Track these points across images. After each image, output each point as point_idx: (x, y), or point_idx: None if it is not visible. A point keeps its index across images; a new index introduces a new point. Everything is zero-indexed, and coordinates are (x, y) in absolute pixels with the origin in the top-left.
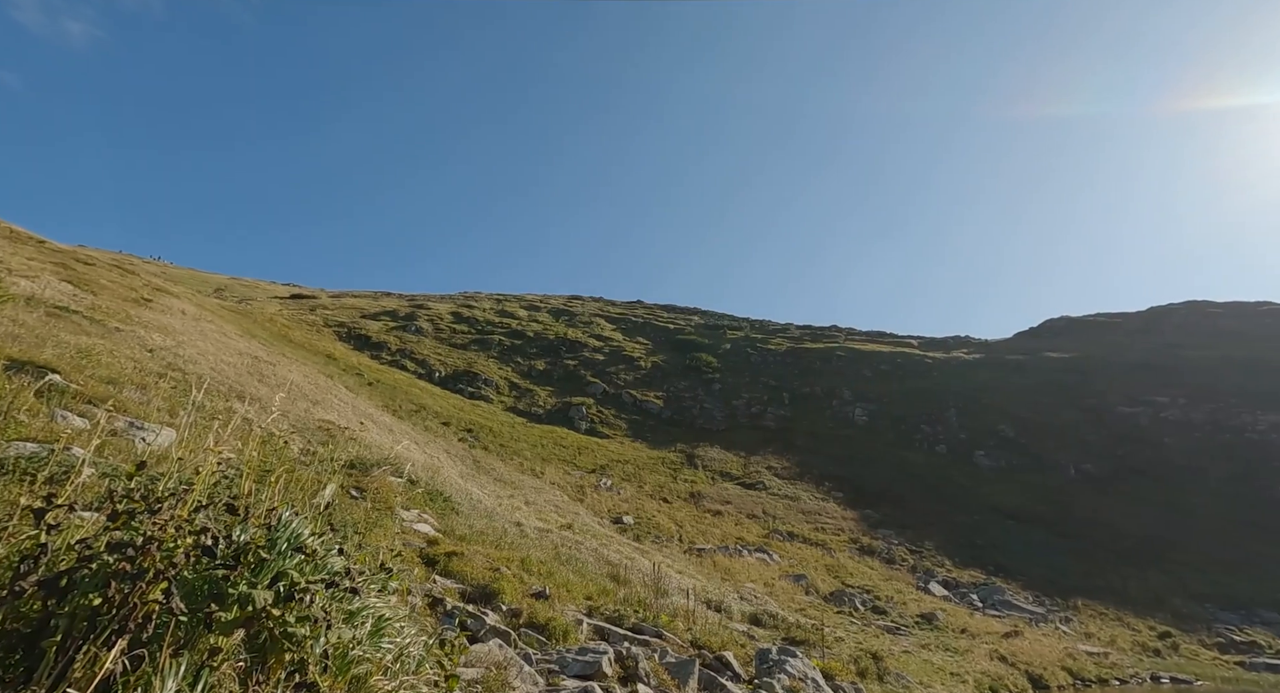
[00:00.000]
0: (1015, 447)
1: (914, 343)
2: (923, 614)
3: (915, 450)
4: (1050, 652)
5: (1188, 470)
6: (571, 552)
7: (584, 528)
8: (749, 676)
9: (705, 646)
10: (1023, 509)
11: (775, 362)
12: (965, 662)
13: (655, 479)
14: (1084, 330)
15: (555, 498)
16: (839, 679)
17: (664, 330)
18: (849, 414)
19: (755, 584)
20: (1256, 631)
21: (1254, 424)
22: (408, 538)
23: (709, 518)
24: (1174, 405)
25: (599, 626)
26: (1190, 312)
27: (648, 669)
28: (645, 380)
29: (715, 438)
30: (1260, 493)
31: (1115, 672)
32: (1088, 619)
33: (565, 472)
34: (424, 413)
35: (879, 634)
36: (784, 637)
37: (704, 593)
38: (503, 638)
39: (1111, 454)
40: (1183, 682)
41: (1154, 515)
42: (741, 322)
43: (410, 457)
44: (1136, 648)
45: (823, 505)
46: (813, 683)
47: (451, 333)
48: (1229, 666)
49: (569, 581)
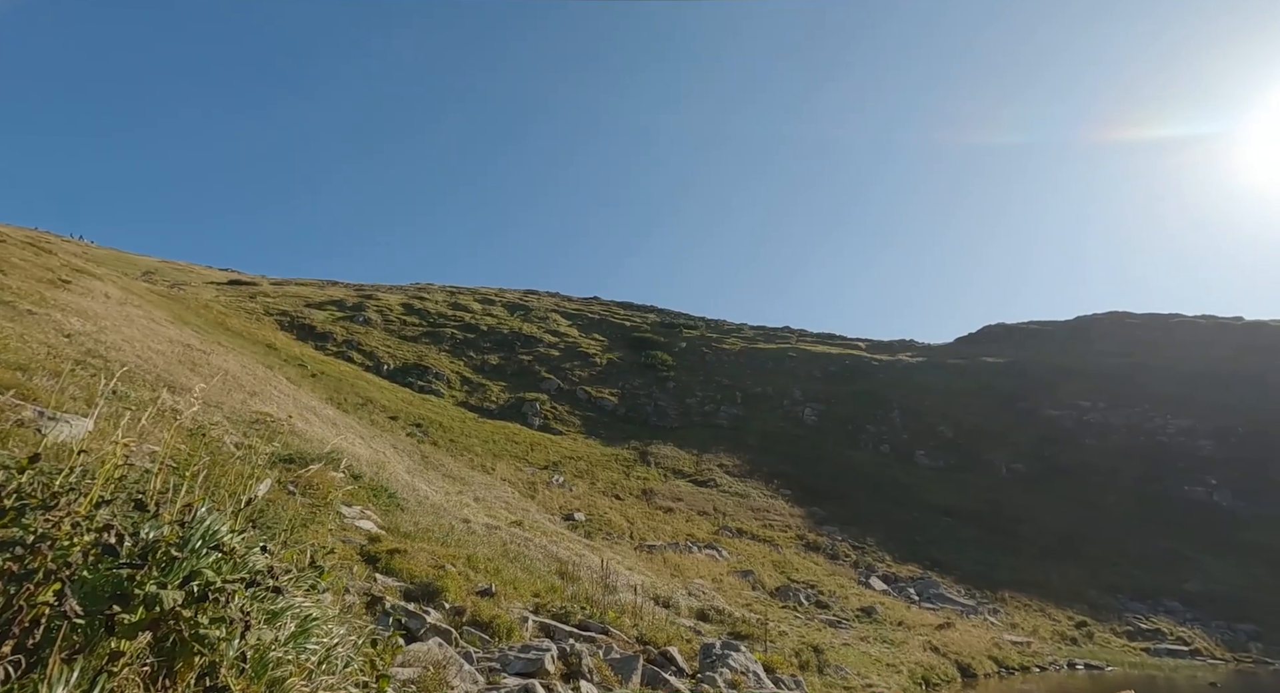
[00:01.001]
0: (953, 447)
1: (862, 345)
2: (863, 608)
3: (861, 450)
4: (978, 642)
5: (1105, 470)
6: (520, 549)
7: (534, 525)
8: (693, 670)
9: (651, 641)
10: (958, 507)
11: (729, 361)
12: (901, 653)
13: (608, 476)
14: (1018, 337)
15: (506, 495)
16: (780, 672)
17: (620, 327)
18: (799, 414)
19: (704, 580)
20: (1161, 619)
21: (1164, 428)
22: (348, 535)
23: (660, 515)
24: (1095, 409)
25: (545, 623)
26: (1112, 321)
27: (591, 666)
28: (600, 377)
29: (669, 436)
30: (1167, 492)
31: (1036, 660)
32: (1014, 610)
33: (517, 468)
34: (371, 407)
35: (821, 628)
36: (730, 632)
37: (653, 590)
38: (443, 637)
39: (1039, 455)
40: (1095, 668)
41: (1075, 512)
42: (697, 321)
43: (355, 451)
44: (1056, 637)
45: (771, 503)
46: (754, 676)
47: (402, 325)
48: (1136, 652)
49: (516, 578)
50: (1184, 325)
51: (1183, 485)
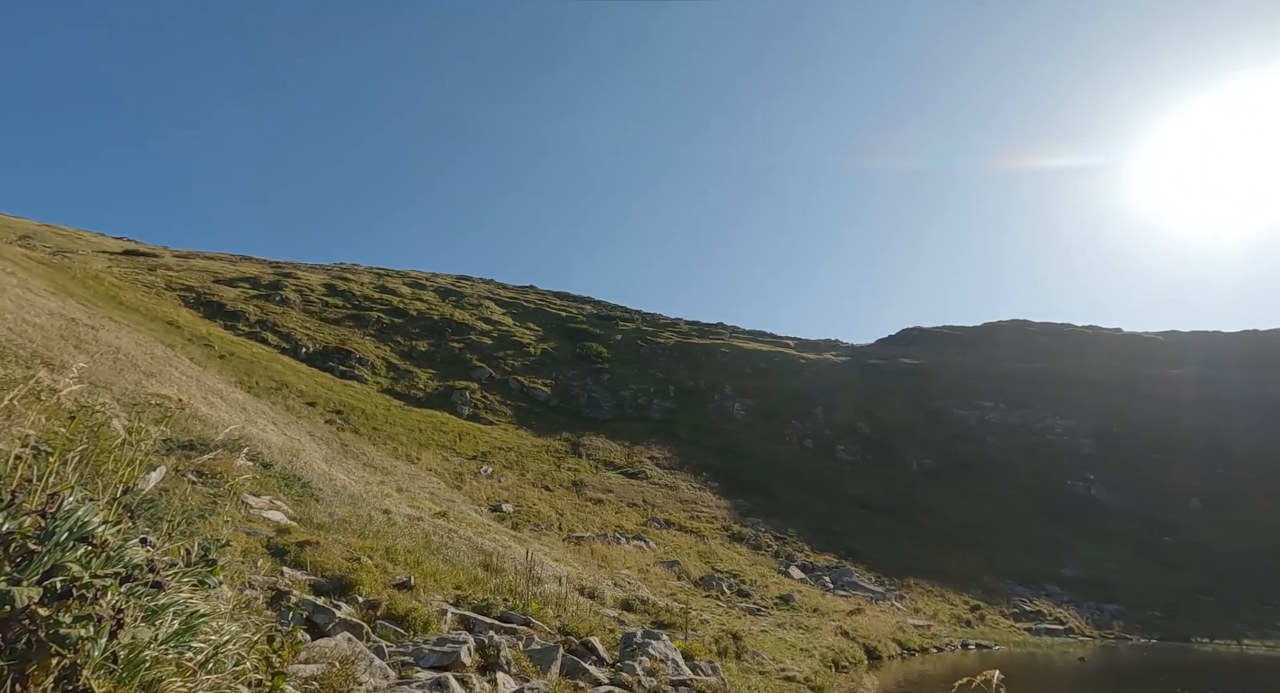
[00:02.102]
0: (871, 443)
1: (791, 344)
2: (782, 596)
3: (786, 444)
4: (885, 626)
5: (1003, 466)
6: (444, 540)
7: (460, 516)
8: (613, 659)
9: (573, 632)
10: (873, 499)
11: (664, 355)
12: (814, 638)
13: (538, 467)
14: (932, 340)
15: (431, 485)
16: (698, 659)
17: (556, 318)
18: (729, 409)
19: (631, 571)
20: (1042, 602)
21: (1053, 428)
22: (254, 527)
23: (590, 506)
24: (996, 410)
25: (465, 615)
26: (1015, 329)
27: (510, 657)
28: (534, 367)
29: (601, 427)
30: (1053, 486)
31: (935, 641)
32: (918, 596)
33: (444, 458)
34: (286, 391)
35: (742, 616)
36: (653, 621)
37: (578, 581)
38: (354, 632)
39: (947, 451)
40: (985, 647)
41: (974, 505)
42: (634, 314)
43: (266, 438)
44: (953, 620)
45: (699, 495)
46: (672, 663)
47: (323, 306)
48: (1020, 631)
49: (438, 570)
50: (1073, 334)
51: (1065, 480)
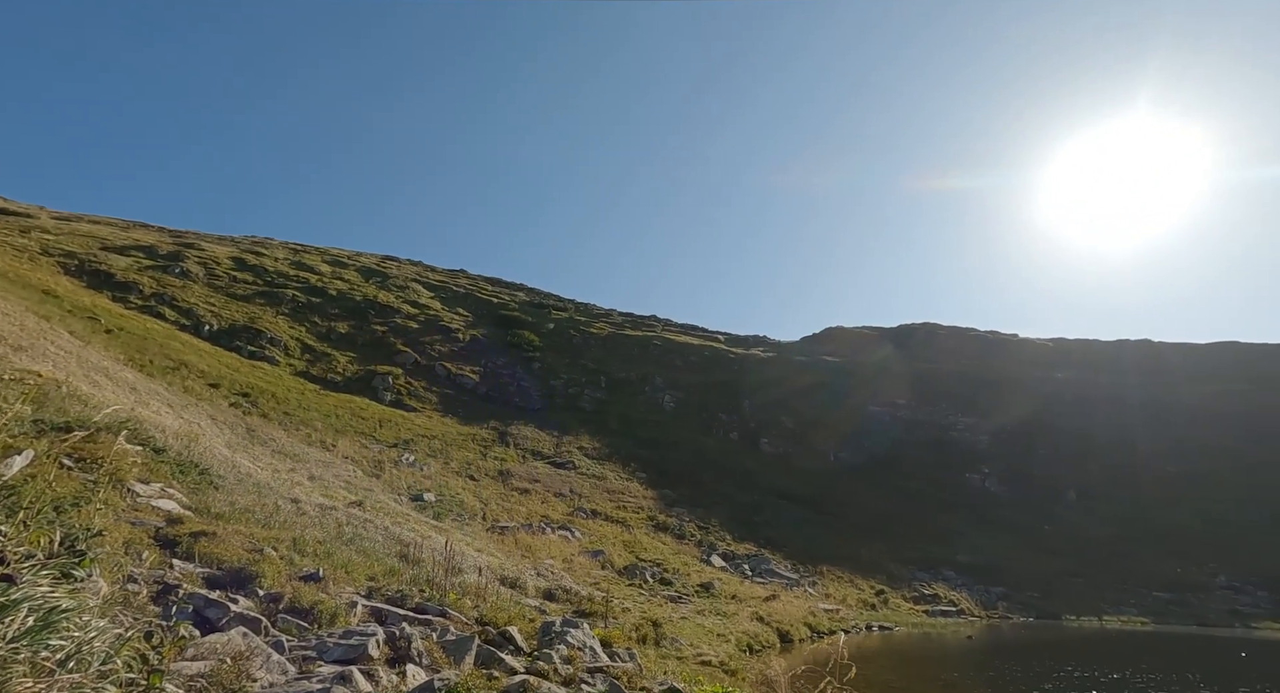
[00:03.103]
0: (793, 436)
1: (721, 338)
2: (702, 584)
3: (713, 436)
4: (797, 611)
5: (910, 460)
6: (358, 531)
7: (377, 506)
8: (531, 648)
9: (491, 622)
10: (792, 490)
11: (596, 346)
12: (731, 624)
13: (463, 456)
14: (853, 339)
15: (347, 473)
16: (616, 646)
17: (487, 304)
18: (659, 400)
19: (555, 561)
20: (939, 585)
21: (955, 425)
22: (141, 516)
23: (516, 496)
24: (907, 406)
25: (377, 607)
26: (926, 331)
27: (422, 649)
28: (462, 354)
29: (530, 417)
30: (954, 478)
31: (843, 624)
32: (829, 582)
33: (362, 445)
34: (185, 371)
35: (663, 604)
36: (575, 610)
37: (500, 571)
38: (251, 626)
39: (861, 445)
40: (886, 629)
41: (884, 496)
42: (567, 303)
43: (159, 421)
44: (860, 604)
45: (627, 485)
46: (590, 651)
47: (231, 281)
48: (918, 613)
49: (350, 561)
50: (976, 338)
51: (965, 473)
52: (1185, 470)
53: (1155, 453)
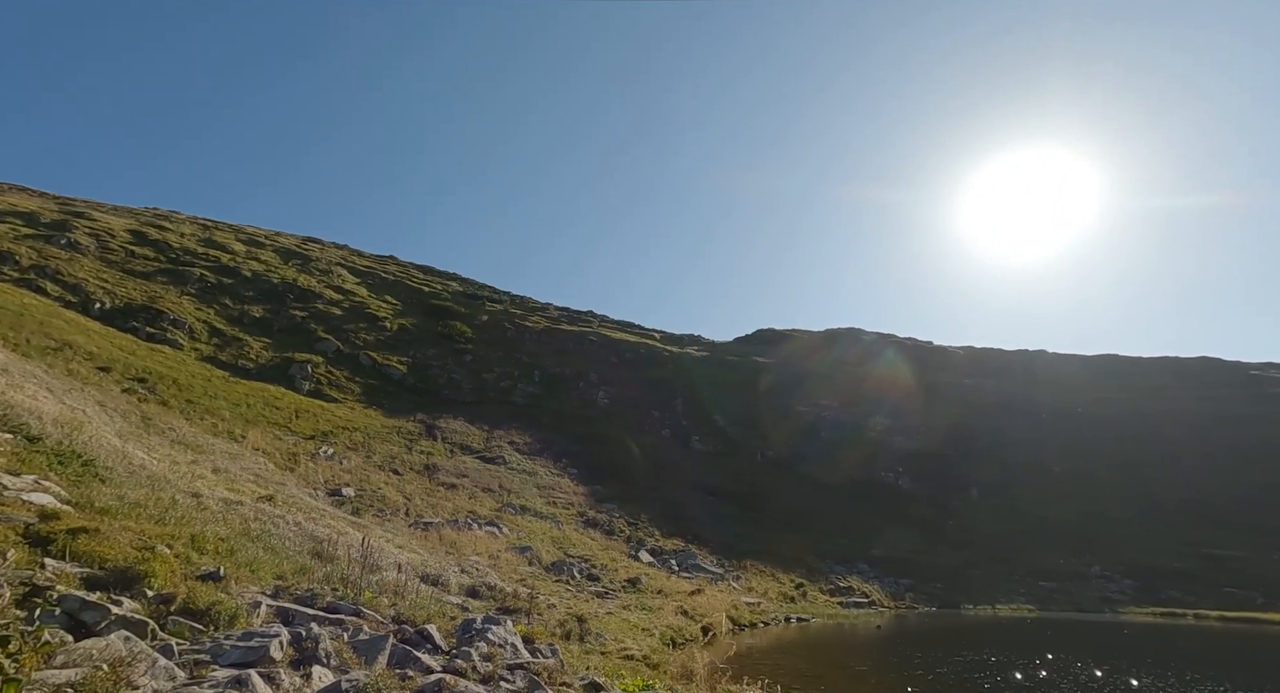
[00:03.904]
0: (722, 434)
1: (656, 336)
2: (630, 579)
3: (645, 433)
4: (721, 605)
5: (833, 458)
6: (267, 527)
7: (290, 501)
8: (449, 646)
9: (408, 621)
10: (721, 487)
11: (531, 339)
12: (656, 618)
13: (387, 449)
14: (783, 342)
15: (258, 466)
16: (539, 643)
17: (418, 292)
18: (593, 396)
19: (481, 557)
20: (853, 578)
21: (875, 426)
22: (8, 511)
23: (442, 491)
24: (831, 408)
25: (285, 607)
26: (850, 336)
27: (330, 649)
28: (389, 343)
29: (460, 410)
30: (871, 477)
31: (763, 617)
32: (752, 576)
33: (276, 437)
34: (70, 353)
35: (590, 599)
36: (498, 607)
37: (422, 568)
38: (135, 630)
39: (788, 444)
40: (804, 620)
41: (808, 493)
42: (503, 295)
43: (35, 407)
44: (781, 597)
45: (558, 481)
46: (511, 648)
47: (128, 256)
48: (834, 605)
49: (256, 559)
50: (895, 344)
51: (881, 472)
52: (1069, 470)
53: (1046, 454)
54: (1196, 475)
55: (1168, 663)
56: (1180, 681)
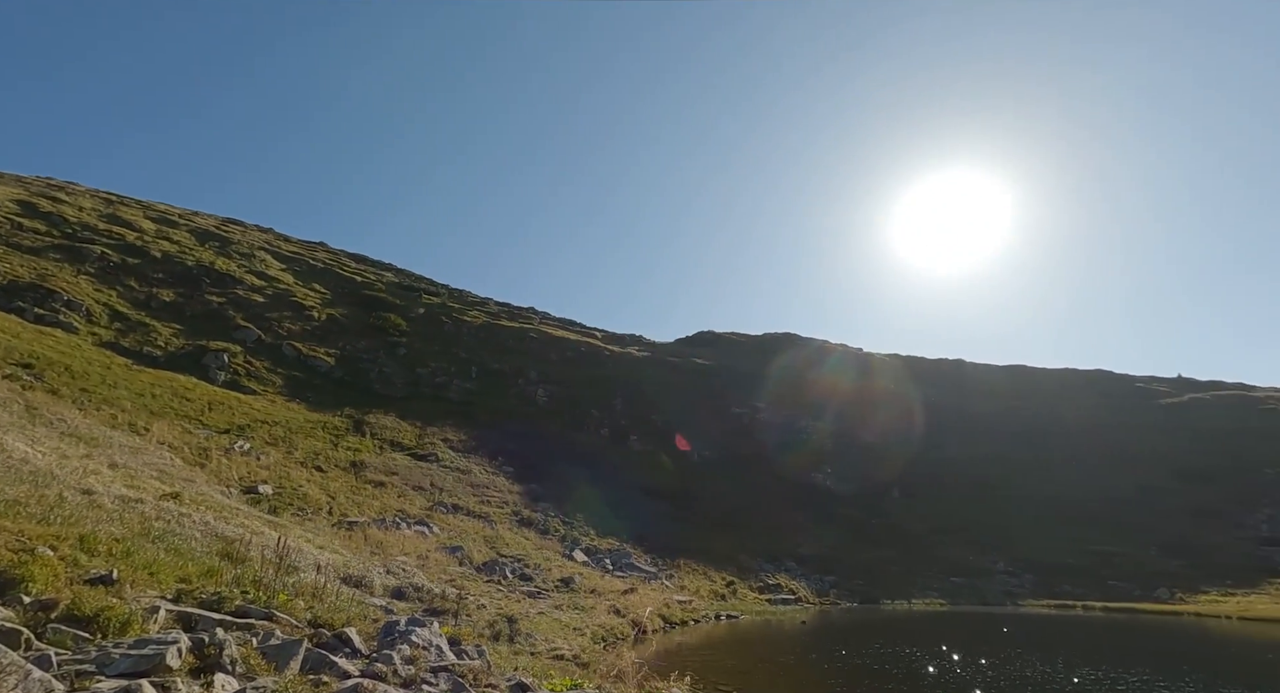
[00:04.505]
0: (661, 434)
1: (598, 335)
2: (563, 579)
3: (584, 432)
4: (653, 603)
5: (766, 459)
6: (170, 526)
7: (199, 498)
8: (370, 650)
9: (326, 624)
10: (657, 486)
11: (469, 335)
12: (588, 617)
13: (311, 445)
14: (722, 344)
15: (163, 461)
16: (465, 644)
17: (349, 282)
18: (532, 394)
19: (408, 557)
20: (782, 576)
21: (806, 428)
22: None
23: (369, 489)
24: (766, 409)
25: (186, 612)
26: (787, 341)
27: (236, 656)
28: (317, 334)
29: (392, 405)
30: (801, 477)
31: (694, 614)
32: (685, 575)
33: (185, 430)
34: None
35: (521, 599)
36: (425, 608)
37: (345, 569)
38: (7, 639)
39: (724, 444)
40: (733, 617)
41: (740, 492)
42: (440, 288)
43: None
44: (712, 595)
45: (493, 479)
46: (436, 650)
47: (14, 229)
48: (762, 602)
49: (157, 561)
50: (829, 350)
51: (810, 472)
52: (980, 473)
53: (960, 457)
54: (1088, 478)
55: (1056, 650)
56: (1066, 665)
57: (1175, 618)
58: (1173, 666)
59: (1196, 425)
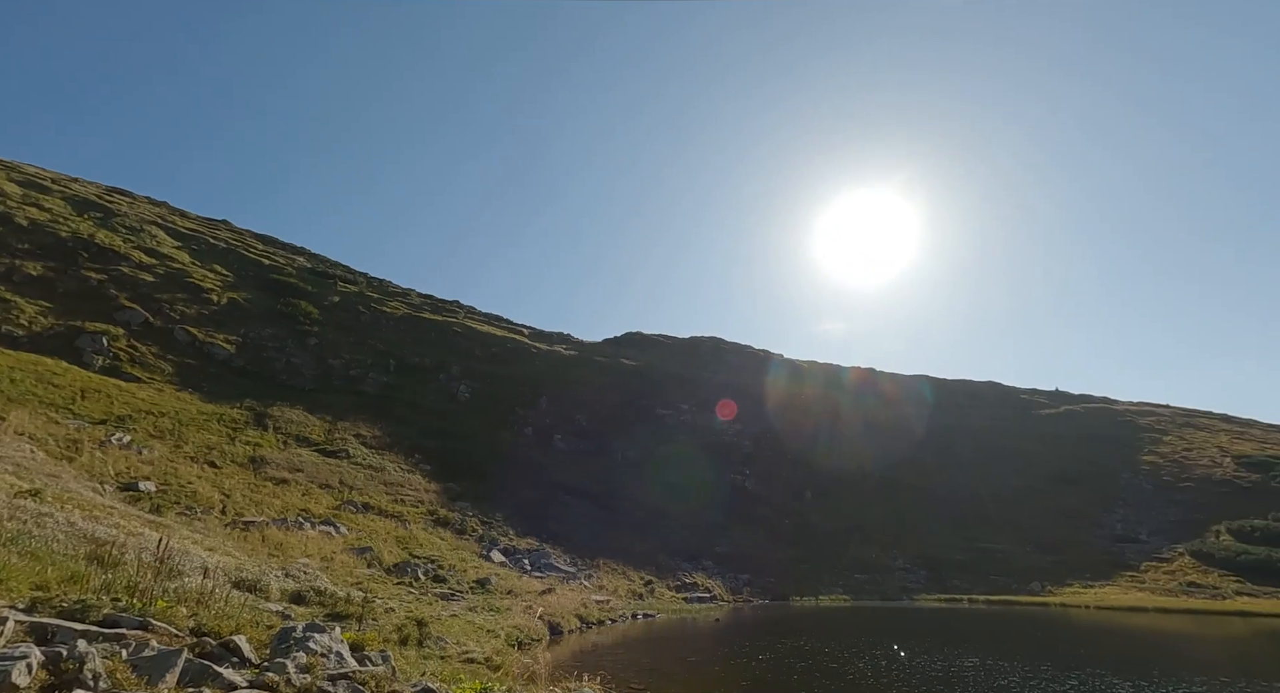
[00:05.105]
0: (586, 434)
1: (525, 332)
2: (479, 580)
3: (508, 430)
4: (571, 603)
5: (689, 460)
6: (27, 528)
7: (64, 496)
8: (260, 659)
9: (212, 632)
10: (580, 486)
11: (389, 326)
12: (503, 619)
13: (203, 438)
14: (649, 345)
15: (20, 454)
16: (369, 650)
17: (256, 264)
18: (454, 390)
19: (311, 559)
20: (698, 574)
21: (726, 430)
22: None
23: (270, 487)
24: (689, 412)
25: (41, 623)
26: (712, 344)
27: (100, 670)
28: (215, 319)
29: (300, 398)
30: (721, 478)
31: (611, 614)
32: (604, 574)
33: (51, 420)
34: None
35: (433, 602)
36: (327, 613)
37: (238, 572)
38: None
39: (648, 445)
40: (649, 616)
41: (664, 493)
42: (358, 276)
43: None
44: (630, 594)
45: (408, 477)
46: (336, 656)
47: None
48: (679, 601)
49: (7, 566)
50: (754, 356)
51: (730, 473)
52: (885, 476)
53: (867, 461)
54: (977, 481)
55: (943, 639)
56: (947, 654)
57: (1044, 609)
58: (1040, 654)
59: (1068, 434)
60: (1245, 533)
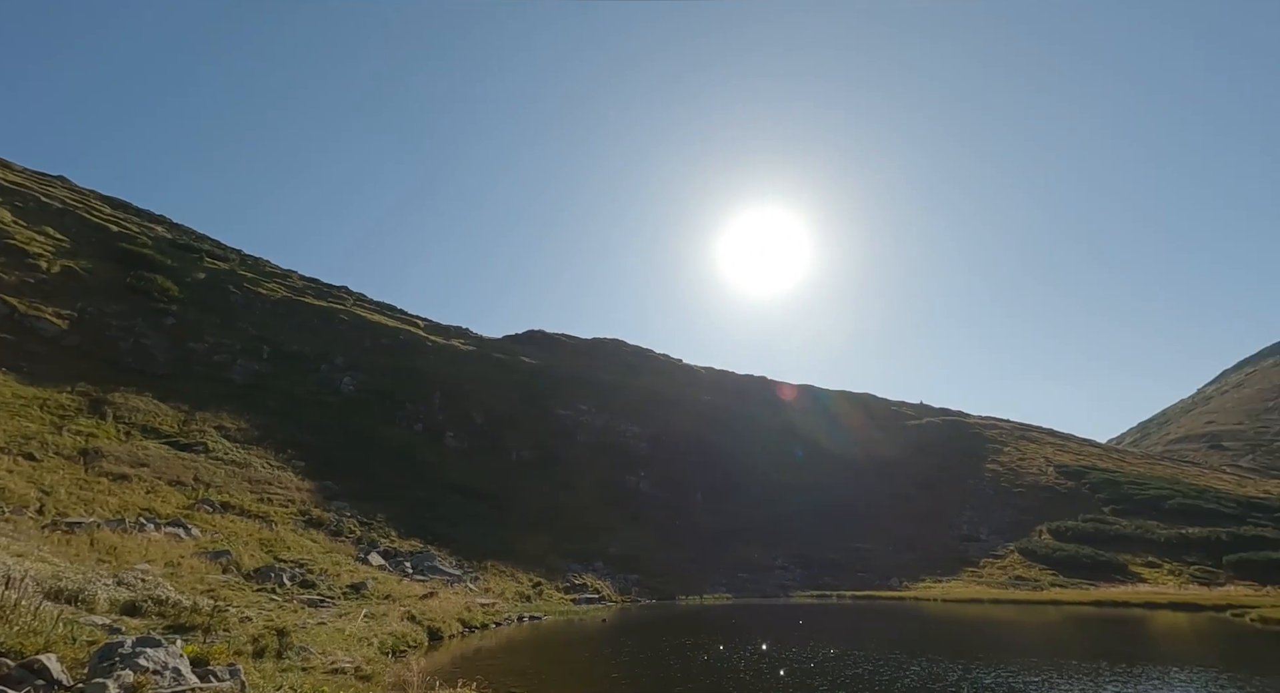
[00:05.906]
0: (480, 432)
1: (420, 324)
2: (353, 585)
3: (395, 426)
4: (454, 607)
5: (585, 461)
6: None
7: None
8: (75, 680)
9: (13, 651)
10: (472, 486)
11: (264, 309)
12: (378, 626)
13: (20, 426)
14: (551, 344)
15: None
16: (215, 664)
17: (101, 230)
18: (336, 381)
19: (153, 565)
20: (588, 576)
21: (624, 432)
22: None
23: (105, 483)
24: (589, 412)
25: None
26: (614, 346)
27: None
28: (45, 290)
29: (150, 384)
30: (618, 479)
31: (496, 617)
32: (492, 577)
33: None
34: None
35: (298, 609)
36: (168, 625)
37: (55, 581)
38: None
39: (544, 445)
40: (536, 618)
41: (556, 493)
42: (231, 252)
43: None
44: (517, 597)
45: (278, 475)
46: (173, 673)
47: None
48: (567, 602)
49: None
50: (652, 358)
51: (625, 475)
52: (773, 478)
53: (755, 464)
54: (852, 485)
55: (810, 633)
56: (812, 646)
57: (900, 602)
58: (892, 644)
59: (929, 443)
60: (1061, 532)
